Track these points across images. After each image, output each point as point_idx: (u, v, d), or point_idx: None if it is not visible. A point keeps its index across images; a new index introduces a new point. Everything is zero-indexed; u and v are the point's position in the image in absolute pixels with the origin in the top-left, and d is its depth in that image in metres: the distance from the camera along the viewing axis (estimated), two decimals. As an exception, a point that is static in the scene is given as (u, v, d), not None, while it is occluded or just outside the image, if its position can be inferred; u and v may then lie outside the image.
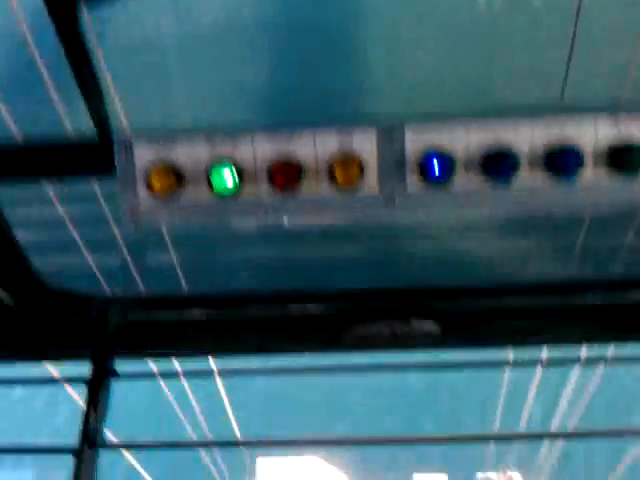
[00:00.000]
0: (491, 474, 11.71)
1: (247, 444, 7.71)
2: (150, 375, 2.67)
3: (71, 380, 2.48)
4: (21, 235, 2.42)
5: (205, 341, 2.52)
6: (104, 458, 2.43)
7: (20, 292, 2.48)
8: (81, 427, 2.34)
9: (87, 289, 2.55)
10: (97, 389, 2.39)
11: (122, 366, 2.52)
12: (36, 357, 2.56)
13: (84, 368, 2.53)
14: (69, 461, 2.39)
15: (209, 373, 2.69)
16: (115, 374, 2.46)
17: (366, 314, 2.46)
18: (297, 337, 2.51)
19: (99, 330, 2.47)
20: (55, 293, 2.50)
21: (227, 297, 2.56)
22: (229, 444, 3.98)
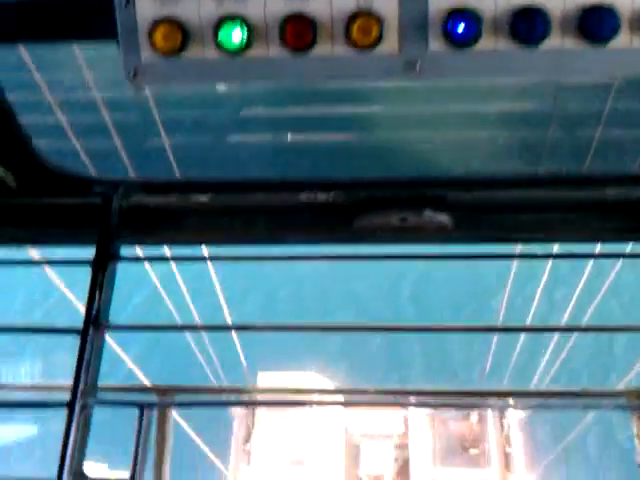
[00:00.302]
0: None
1: (241, 328, 7.86)
2: (155, 259, 2.63)
3: (75, 262, 2.45)
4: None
5: (211, 228, 2.46)
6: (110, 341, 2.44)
7: (22, 173, 2.41)
8: (85, 308, 2.33)
9: (87, 172, 2.48)
10: (102, 270, 2.36)
11: (126, 251, 2.48)
12: (40, 241, 2.52)
13: (88, 253, 2.49)
14: (75, 344, 2.39)
15: (215, 259, 2.64)
16: (120, 257, 2.42)
17: (377, 203, 2.39)
18: (306, 226, 2.44)
19: (103, 212, 2.41)
20: (57, 175, 2.43)
21: (235, 183, 2.48)
22: (228, 328, 4.02)
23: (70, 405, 2.20)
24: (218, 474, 11.03)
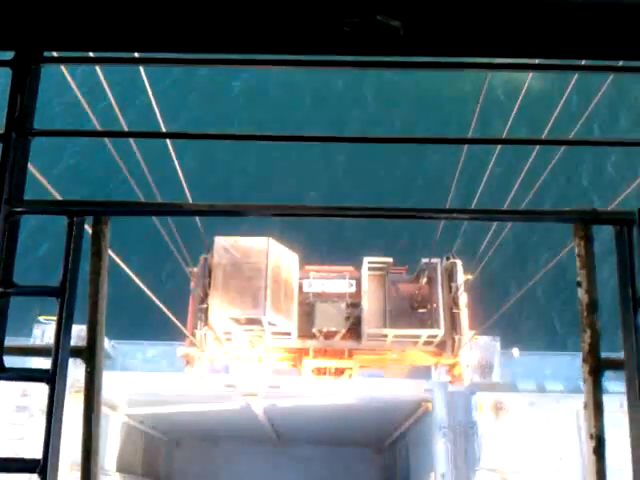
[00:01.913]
0: (434, 260, 12.39)
1: (172, 136, 7.63)
2: (84, 61, 2.43)
3: None
4: None
5: (143, 30, 2.25)
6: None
7: None
8: (7, 113, 2.17)
9: None
10: (23, 72, 2.18)
11: (50, 52, 2.28)
12: None
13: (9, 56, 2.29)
14: None
15: (150, 62, 2.44)
16: (43, 58, 2.22)
17: (323, 6, 2.21)
18: (242, 30, 2.25)
19: (25, 9, 2.18)
20: None
21: None
22: (158, 136, 3.90)
23: None
24: (175, 332, 11.35)
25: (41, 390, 2.09)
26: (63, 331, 2.12)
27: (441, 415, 15.57)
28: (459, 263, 12.24)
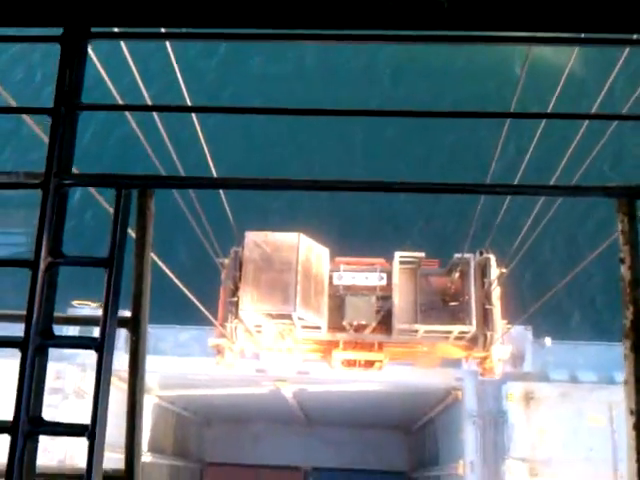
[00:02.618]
0: (467, 255, 12.16)
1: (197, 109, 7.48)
2: (134, 37, 2.45)
3: (44, 39, 2.27)
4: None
5: (188, 4, 2.21)
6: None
7: None
8: (56, 88, 2.21)
9: None
10: (72, 47, 2.19)
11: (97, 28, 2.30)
12: (6, 21, 2.29)
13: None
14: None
15: (201, 37, 2.42)
16: (91, 33, 2.24)
17: None
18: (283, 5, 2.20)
19: None
20: None
21: None
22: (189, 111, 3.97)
23: (44, 185, 2.13)
24: (206, 323, 11.41)
25: (75, 372, 2.14)
26: (111, 301, 2.17)
27: (471, 404, 15.54)
28: (492, 258, 12.01)
